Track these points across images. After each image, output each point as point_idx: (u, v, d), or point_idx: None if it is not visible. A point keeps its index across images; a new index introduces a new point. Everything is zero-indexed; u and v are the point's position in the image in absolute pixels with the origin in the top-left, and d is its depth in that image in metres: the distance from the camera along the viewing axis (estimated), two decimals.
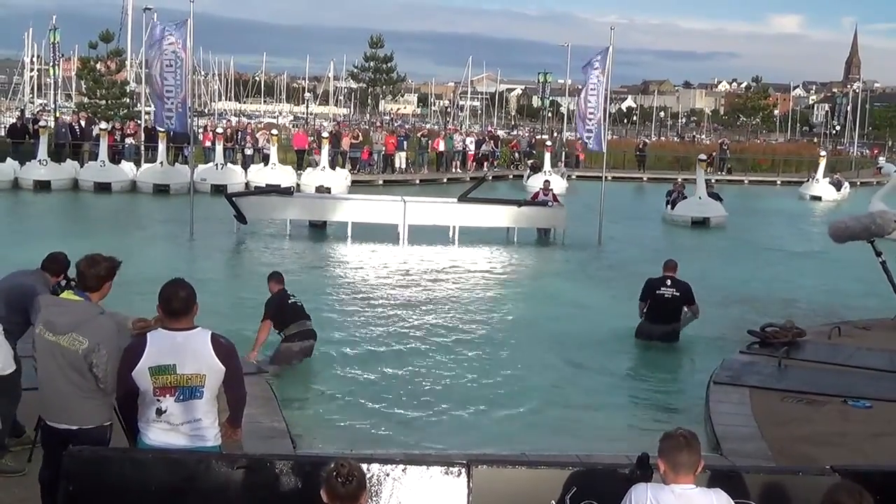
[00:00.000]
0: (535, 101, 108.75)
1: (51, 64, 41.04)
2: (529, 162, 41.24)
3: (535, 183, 34.53)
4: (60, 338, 4.88)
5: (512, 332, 12.66)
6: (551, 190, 23.28)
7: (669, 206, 27.08)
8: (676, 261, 12.31)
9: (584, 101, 22.20)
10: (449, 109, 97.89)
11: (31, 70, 72.22)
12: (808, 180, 39.21)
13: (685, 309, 12.07)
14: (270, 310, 10.21)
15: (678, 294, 11.93)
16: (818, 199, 36.48)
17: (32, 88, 72.80)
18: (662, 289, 11.95)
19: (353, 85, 75.44)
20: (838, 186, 38.10)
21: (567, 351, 11.78)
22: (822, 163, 38.60)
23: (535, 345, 12.03)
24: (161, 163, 29.38)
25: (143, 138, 33.59)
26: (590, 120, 22.09)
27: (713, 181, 41.49)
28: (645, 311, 12.08)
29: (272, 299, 10.35)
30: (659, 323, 11.99)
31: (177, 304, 4.63)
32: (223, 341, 4.72)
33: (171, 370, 4.58)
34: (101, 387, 4.86)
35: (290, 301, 10.31)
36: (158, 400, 4.61)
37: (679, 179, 28.72)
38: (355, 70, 63.77)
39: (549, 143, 39.90)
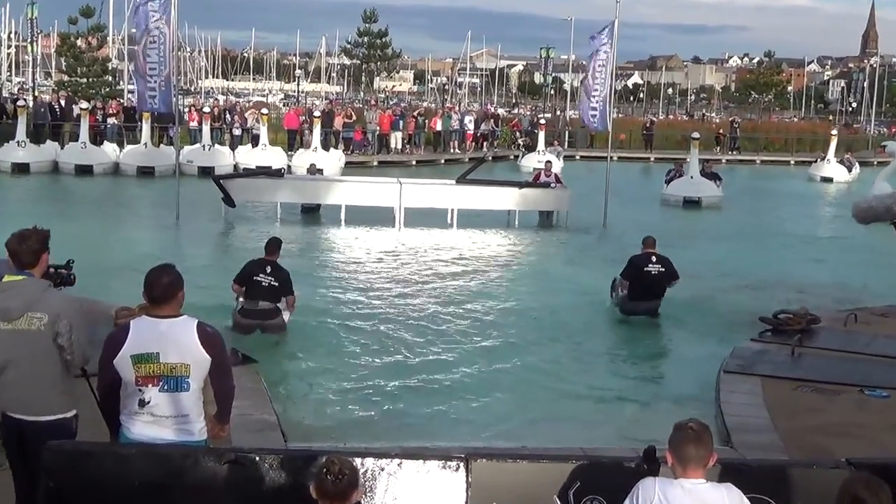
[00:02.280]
0: (538, 78, 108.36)
1: (29, 40, 40.95)
2: (521, 141, 41.21)
3: (528, 163, 34.71)
4: (17, 322, 4.84)
5: (513, 320, 12.66)
6: (553, 171, 23.25)
7: (665, 186, 27.23)
8: (655, 237, 12.77)
9: (591, 78, 22.14)
10: (447, 87, 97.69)
11: (8, 47, 71.88)
12: (817, 160, 39.03)
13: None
14: (239, 274, 10.79)
15: (664, 270, 12.43)
16: (829, 180, 36.18)
17: (10, 66, 72.50)
18: (650, 266, 12.40)
19: (346, 61, 75.14)
20: (849, 167, 37.91)
21: (571, 339, 11.80)
22: (834, 142, 38.35)
23: (537, 332, 12.03)
24: (145, 144, 29.33)
25: (123, 118, 33.49)
26: (594, 97, 22.02)
27: (724, 160, 41.65)
28: (627, 288, 12.48)
29: (246, 265, 10.85)
30: (646, 299, 12.46)
31: (160, 291, 4.63)
32: (209, 330, 4.72)
33: (154, 359, 4.57)
34: (68, 358, 4.84)
35: (255, 278, 10.63)
36: (141, 390, 4.61)
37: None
38: (348, 46, 63.56)
39: (542, 121, 39.77)
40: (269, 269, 10.68)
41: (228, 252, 17.69)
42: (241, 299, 10.79)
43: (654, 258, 12.39)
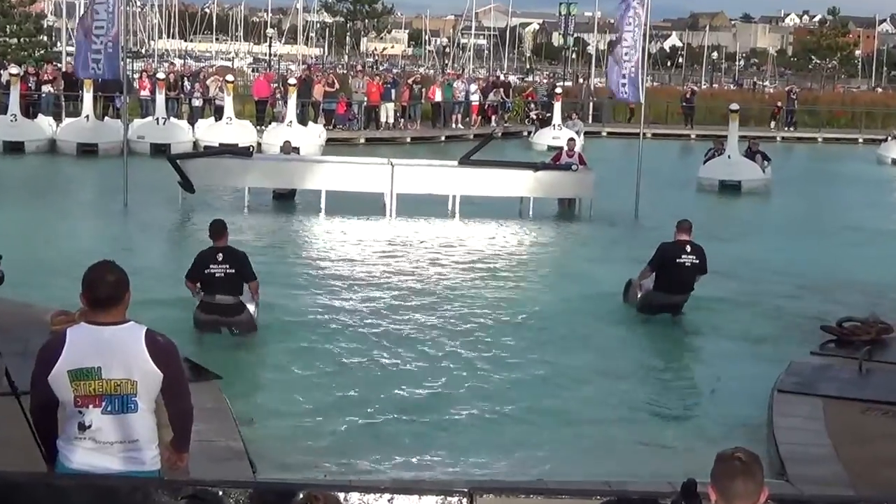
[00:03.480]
0: (556, 39, 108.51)
1: None
2: (533, 114, 41.28)
3: (541, 140, 34.89)
4: None
5: (526, 329, 12.67)
6: (576, 150, 23.26)
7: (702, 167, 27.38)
8: (692, 221, 12.95)
9: (619, 39, 22.13)
10: (448, 50, 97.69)
11: None
12: (887, 139, 38.93)
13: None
14: (190, 269, 11.05)
15: (697, 262, 12.59)
16: None
17: None
18: (684, 257, 12.57)
19: (328, 19, 75.36)
20: None
21: (594, 351, 11.80)
22: None
23: (556, 344, 12.03)
24: (87, 117, 29.35)
25: (61, 86, 33.50)
26: (625, 63, 21.99)
27: (778, 138, 41.62)
28: (653, 280, 12.69)
29: (196, 258, 11.08)
30: (676, 293, 12.70)
31: (103, 292, 4.61)
32: (160, 340, 4.72)
33: (94, 374, 4.57)
34: None
35: (207, 270, 10.88)
36: (81, 412, 4.61)
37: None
38: (330, 0, 63.65)
39: (558, 90, 39.85)
40: (220, 257, 10.86)
41: (186, 246, 17.67)
42: (200, 294, 11.01)
43: (688, 247, 12.53)
